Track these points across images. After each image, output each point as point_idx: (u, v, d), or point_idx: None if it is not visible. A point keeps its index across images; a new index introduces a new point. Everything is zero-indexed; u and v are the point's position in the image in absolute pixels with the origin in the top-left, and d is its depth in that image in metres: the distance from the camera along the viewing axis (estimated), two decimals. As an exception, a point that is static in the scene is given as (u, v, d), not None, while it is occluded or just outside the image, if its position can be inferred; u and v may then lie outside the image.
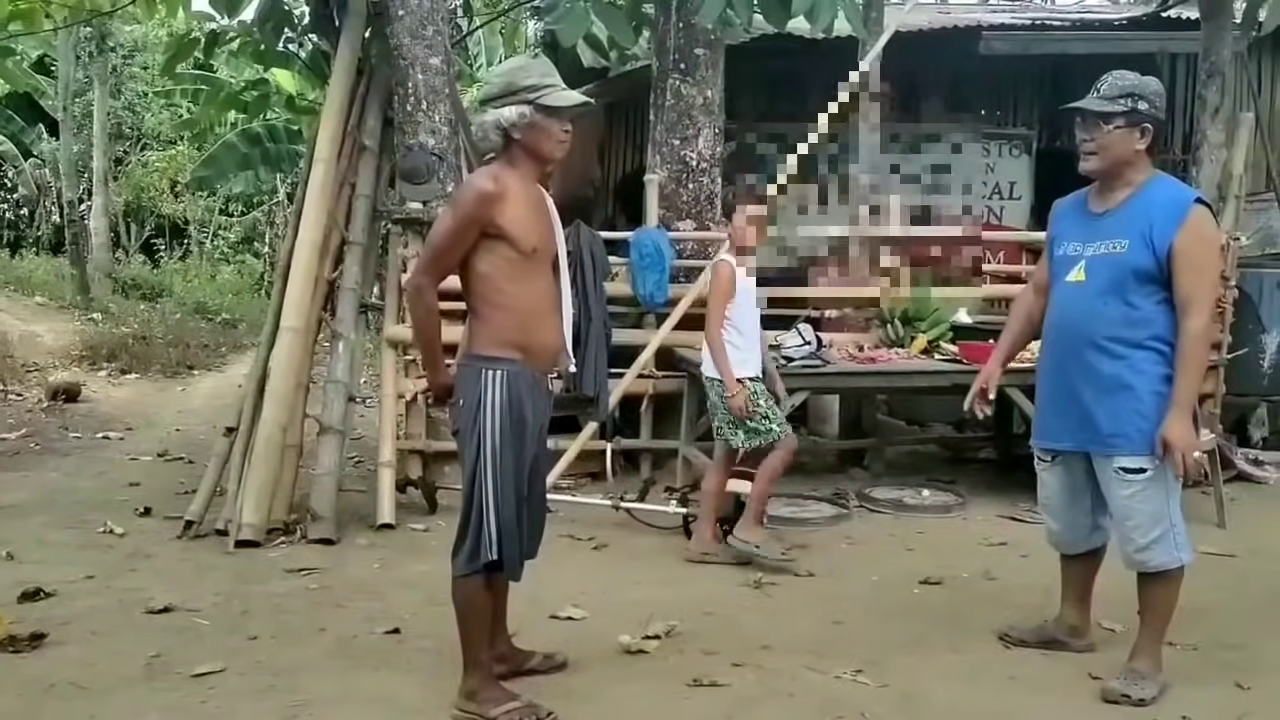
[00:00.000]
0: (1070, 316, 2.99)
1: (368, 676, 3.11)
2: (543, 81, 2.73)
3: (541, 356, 2.81)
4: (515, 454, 2.73)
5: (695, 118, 5.81)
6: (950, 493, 5.47)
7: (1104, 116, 2.87)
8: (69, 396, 8.82)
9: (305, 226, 5.34)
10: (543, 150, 2.77)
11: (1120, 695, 2.89)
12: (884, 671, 3.14)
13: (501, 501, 2.71)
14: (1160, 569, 2.95)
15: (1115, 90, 2.89)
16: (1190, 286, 2.82)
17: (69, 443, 7.11)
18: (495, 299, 2.73)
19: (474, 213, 2.70)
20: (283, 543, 4.55)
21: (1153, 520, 2.89)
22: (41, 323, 12.71)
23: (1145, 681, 2.94)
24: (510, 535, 2.73)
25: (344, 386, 5.06)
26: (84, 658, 3.23)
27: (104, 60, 16.79)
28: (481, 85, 2.84)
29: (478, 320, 2.77)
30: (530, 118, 2.71)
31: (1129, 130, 2.87)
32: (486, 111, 2.75)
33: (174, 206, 20.47)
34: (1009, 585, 4.03)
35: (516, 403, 2.72)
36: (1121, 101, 2.87)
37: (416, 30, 5.41)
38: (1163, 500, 2.90)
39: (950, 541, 4.67)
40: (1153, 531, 2.90)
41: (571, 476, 5.44)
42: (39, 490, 5.64)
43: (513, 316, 2.73)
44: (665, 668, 3.15)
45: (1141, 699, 2.88)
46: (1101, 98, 2.90)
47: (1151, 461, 2.85)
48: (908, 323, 5.70)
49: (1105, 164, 2.91)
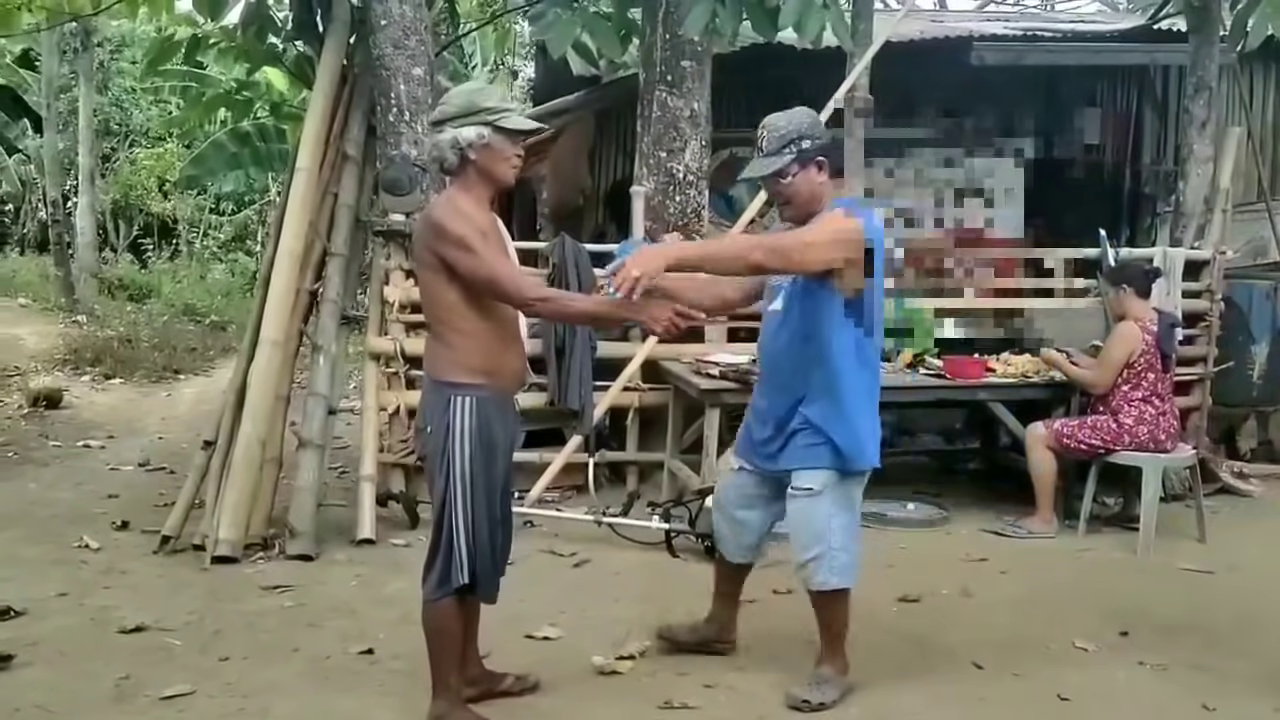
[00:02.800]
0: (770, 344, 3.14)
1: (339, 699, 3.10)
2: (501, 105, 2.77)
3: (508, 379, 2.85)
4: (486, 477, 2.77)
5: (682, 130, 5.79)
6: (934, 506, 5.47)
7: (779, 173, 2.97)
8: (50, 403, 8.76)
9: (286, 236, 5.31)
10: (496, 172, 2.78)
11: (801, 700, 3.02)
12: (854, 692, 3.13)
13: (473, 525, 2.74)
14: (819, 588, 3.07)
15: (777, 143, 2.97)
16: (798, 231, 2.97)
17: (48, 451, 7.06)
18: (461, 325, 2.75)
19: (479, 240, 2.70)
20: (260, 558, 4.52)
21: (814, 539, 3.02)
22: (25, 325, 12.61)
23: (827, 685, 3.07)
24: (483, 557, 2.77)
25: (324, 399, 5.04)
26: (52, 680, 3.21)
27: (89, 56, 16.69)
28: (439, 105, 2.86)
29: (443, 346, 2.79)
30: (487, 139, 2.73)
31: (805, 171, 2.97)
32: (445, 130, 2.75)
33: (163, 205, 20.39)
34: (985, 602, 4.04)
35: (485, 427, 2.75)
36: (787, 150, 2.95)
37: (399, 40, 5.38)
38: (824, 521, 3.01)
39: (932, 557, 4.66)
40: (812, 550, 3.02)
41: (557, 489, 5.42)
42: (15, 502, 5.60)
43: (479, 342, 2.76)
44: (637, 689, 3.15)
45: (821, 703, 3.02)
46: (768, 156, 2.98)
47: (817, 480, 3.00)
48: (892, 335, 5.69)
49: (800, 209, 3.02)
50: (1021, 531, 4.99)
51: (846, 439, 3.01)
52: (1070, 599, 4.09)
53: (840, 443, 3.01)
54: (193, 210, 20.48)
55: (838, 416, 3.01)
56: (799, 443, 3.03)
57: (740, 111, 8.24)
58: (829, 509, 3.03)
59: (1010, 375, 5.28)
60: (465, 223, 2.70)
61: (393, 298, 5.22)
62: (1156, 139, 8.64)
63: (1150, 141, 8.67)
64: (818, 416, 3.01)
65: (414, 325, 5.20)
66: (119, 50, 19.69)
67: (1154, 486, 4.81)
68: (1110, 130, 8.80)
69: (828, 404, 3.00)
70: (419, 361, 5.07)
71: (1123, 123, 8.77)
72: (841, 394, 3.01)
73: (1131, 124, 8.71)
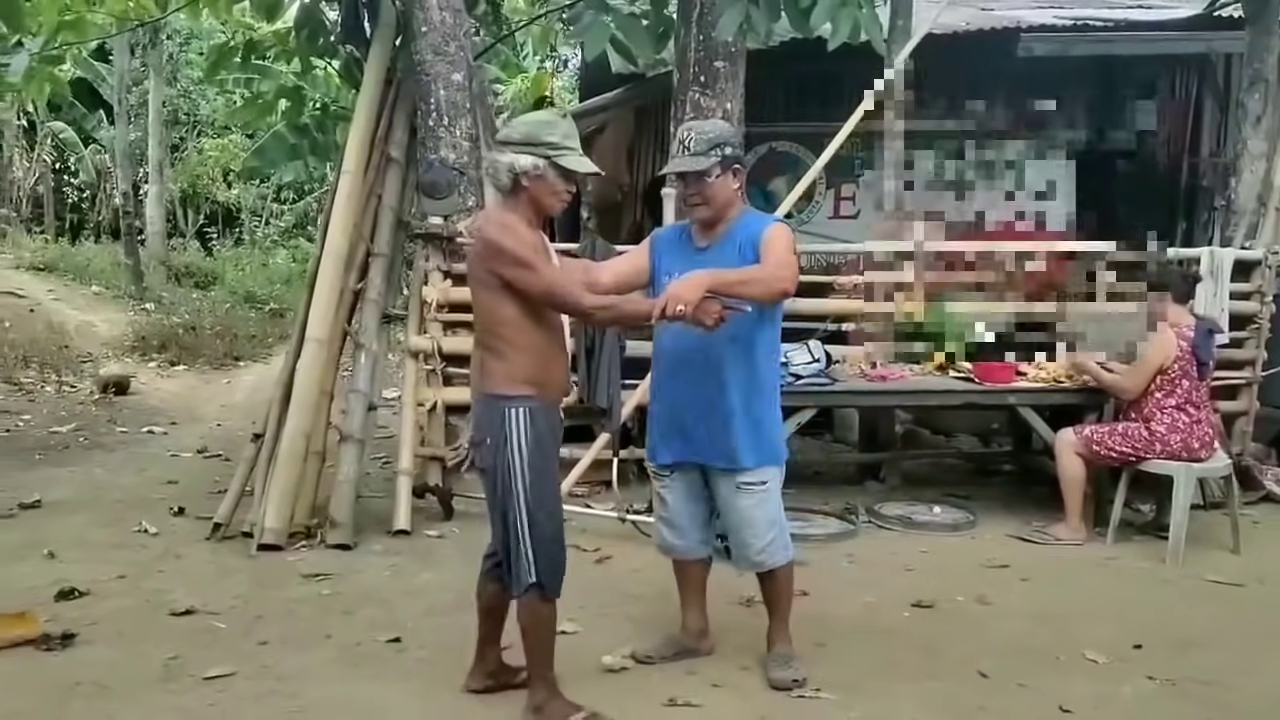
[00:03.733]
0: (685, 341, 3.19)
1: (364, 685, 3.27)
2: (564, 142, 2.89)
3: (555, 389, 3.00)
4: (545, 482, 2.93)
5: (715, 131, 5.85)
6: (962, 509, 5.50)
7: (704, 172, 3.14)
8: (119, 389, 9.18)
9: (331, 237, 5.53)
10: (544, 202, 2.93)
11: (791, 681, 3.23)
12: (856, 696, 3.22)
13: (537, 527, 2.89)
14: (776, 566, 3.30)
15: (703, 144, 3.15)
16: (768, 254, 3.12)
17: (115, 437, 7.42)
18: (516, 340, 2.89)
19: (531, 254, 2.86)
20: (303, 546, 4.75)
21: (767, 526, 3.24)
22: (97, 312, 13.13)
23: (795, 661, 3.32)
24: (547, 556, 2.92)
25: (365, 396, 5.24)
26: (109, 658, 3.44)
27: (159, 50, 17.22)
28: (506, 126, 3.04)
29: (497, 360, 2.91)
30: (542, 170, 2.86)
31: (725, 176, 3.17)
32: (505, 152, 2.89)
33: (227, 194, 20.97)
34: (1001, 610, 4.08)
35: (541, 436, 2.90)
36: (713, 153, 3.14)
37: (439, 46, 5.55)
38: (775, 509, 3.27)
39: (953, 562, 4.71)
40: (766, 536, 3.25)
41: (586, 485, 5.57)
42: (85, 487, 5.93)
43: (532, 356, 2.90)
44: (644, 687, 3.26)
45: (804, 678, 3.25)
46: (694, 155, 3.15)
47: (770, 474, 3.23)
48: (923, 338, 5.73)
49: (714, 210, 3.20)
50: (1048, 538, 5.00)
51: (778, 430, 3.35)
52: (1088, 609, 4.11)
53: (776, 435, 3.31)
54: (255, 199, 21.01)
55: (769, 412, 3.27)
56: (746, 440, 3.19)
57: (780, 106, 8.31)
58: (777, 494, 3.30)
59: (1042, 380, 5.29)
60: (519, 241, 2.85)
61: (431, 297, 5.39)
62: (1216, 130, 8.36)
63: (1210, 132, 8.38)
64: (754, 413, 3.21)
65: (451, 324, 5.38)
66: (187, 43, 20.22)
67: (1184, 496, 4.77)
68: (1167, 120, 8.51)
69: (757, 400, 3.21)
70: (456, 359, 5.32)
71: (1181, 112, 8.45)
72: (768, 390, 3.28)
73: (1190, 114, 8.40)
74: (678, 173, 3.23)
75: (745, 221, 3.26)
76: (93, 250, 17.44)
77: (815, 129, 7.24)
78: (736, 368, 3.19)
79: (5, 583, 4.15)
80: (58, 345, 10.54)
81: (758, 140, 8.44)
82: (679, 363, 3.28)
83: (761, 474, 3.24)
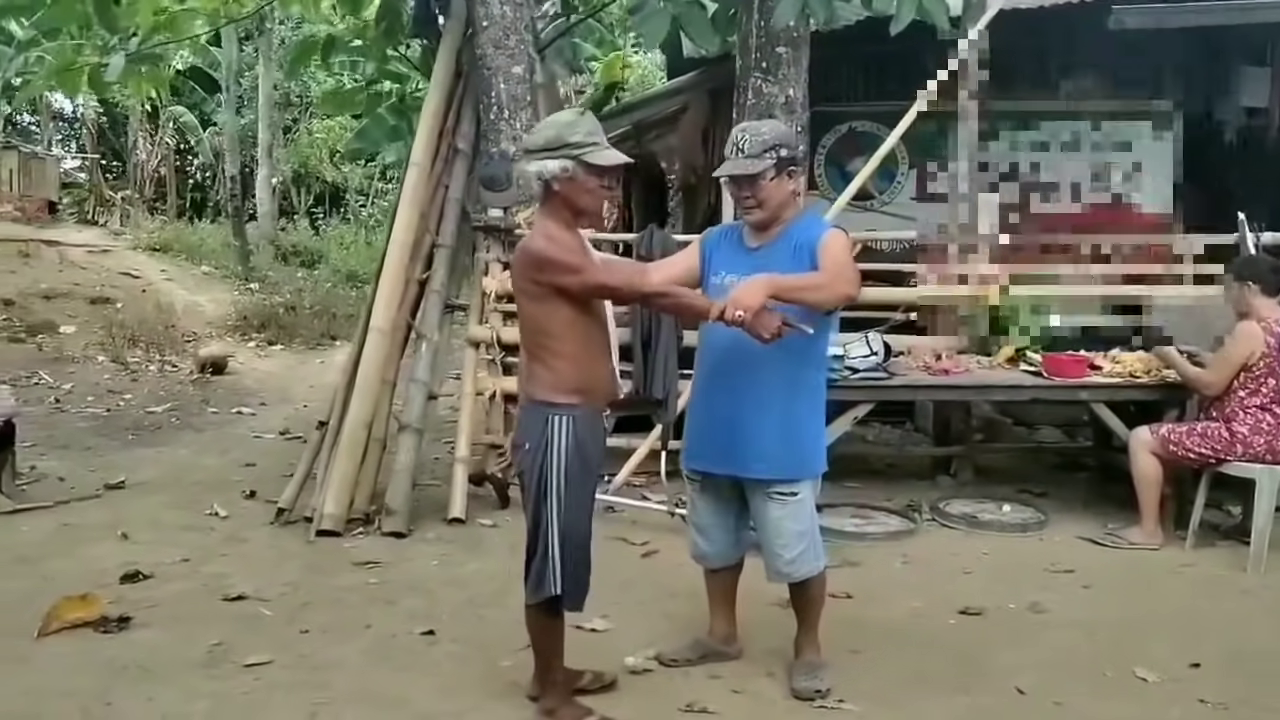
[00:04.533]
0: (729, 344, 3.10)
1: (393, 677, 3.33)
2: (588, 139, 2.84)
3: (600, 396, 2.97)
4: (581, 494, 2.90)
5: (776, 116, 5.71)
6: (1033, 508, 5.30)
7: (758, 175, 3.07)
8: (216, 369, 9.58)
9: (397, 229, 5.64)
10: (579, 203, 2.88)
11: (814, 691, 3.16)
12: (880, 709, 3.13)
13: (566, 539, 2.86)
14: (808, 576, 3.23)
15: (758, 146, 3.08)
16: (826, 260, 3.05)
17: (205, 418, 7.76)
18: (560, 348, 2.87)
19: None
20: (360, 534, 4.87)
21: (798, 537, 3.15)
22: (205, 292, 13.75)
23: (822, 671, 3.25)
24: (574, 570, 2.90)
25: (424, 385, 5.35)
26: (158, 641, 3.60)
27: (268, 37, 17.77)
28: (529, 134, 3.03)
29: (542, 367, 2.90)
30: (571, 172, 2.82)
31: (780, 178, 3.10)
32: (531, 160, 2.86)
33: (335, 174, 21.62)
34: (1054, 619, 3.92)
35: (582, 445, 2.87)
36: (767, 156, 3.07)
37: (500, 40, 5.58)
38: (808, 520, 3.18)
39: (1014, 565, 4.55)
40: (798, 546, 3.16)
41: (644, 475, 5.56)
42: (168, 468, 6.22)
43: (577, 363, 2.88)
44: (663, 690, 3.24)
45: (828, 688, 3.18)
46: (749, 157, 3.08)
47: (803, 486, 3.13)
48: (996, 329, 5.53)
49: (768, 213, 3.14)
50: (1122, 542, 4.78)
51: (819, 442, 3.22)
52: (1151, 620, 3.91)
53: (814, 447, 3.20)
54: (361, 179, 21.60)
55: (809, 421, 3.18)
56: (781, 449, 3.11)
57: (858, 86, 8.09)
58: (810, 505, 3.20)
59: (1117, 375, 5.03)
60: (562, 247, 2.83)
61: (490, 288, 5.45)
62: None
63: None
64: (792, 421, 3.12)
65: (510, 315, 5.42)
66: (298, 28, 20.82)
67: (1268, 500, 4.50)
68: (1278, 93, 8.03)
69: (797, 408, 3.13)
70: (515, 349, 5.36)
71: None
72: (811, 398, 3.19)
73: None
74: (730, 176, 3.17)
75: (804, 224, 3.20)
76: (206, 231, 18.23)
77: (896, 108, 7.02)
78: (779, 373, 3.10)
79: (80, 564, 4.39)
80: (164, 325, 11.05)
81: (836, 120, 8.25)
82: (721, 363, 3.21)
83: (794, 485, 3.15)
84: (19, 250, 12.43)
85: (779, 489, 3.14)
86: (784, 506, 3.15)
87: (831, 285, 3.01)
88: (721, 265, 3.24)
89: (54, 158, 20.46)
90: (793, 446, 3.13)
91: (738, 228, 3.33)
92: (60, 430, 7.18)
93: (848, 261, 3.08)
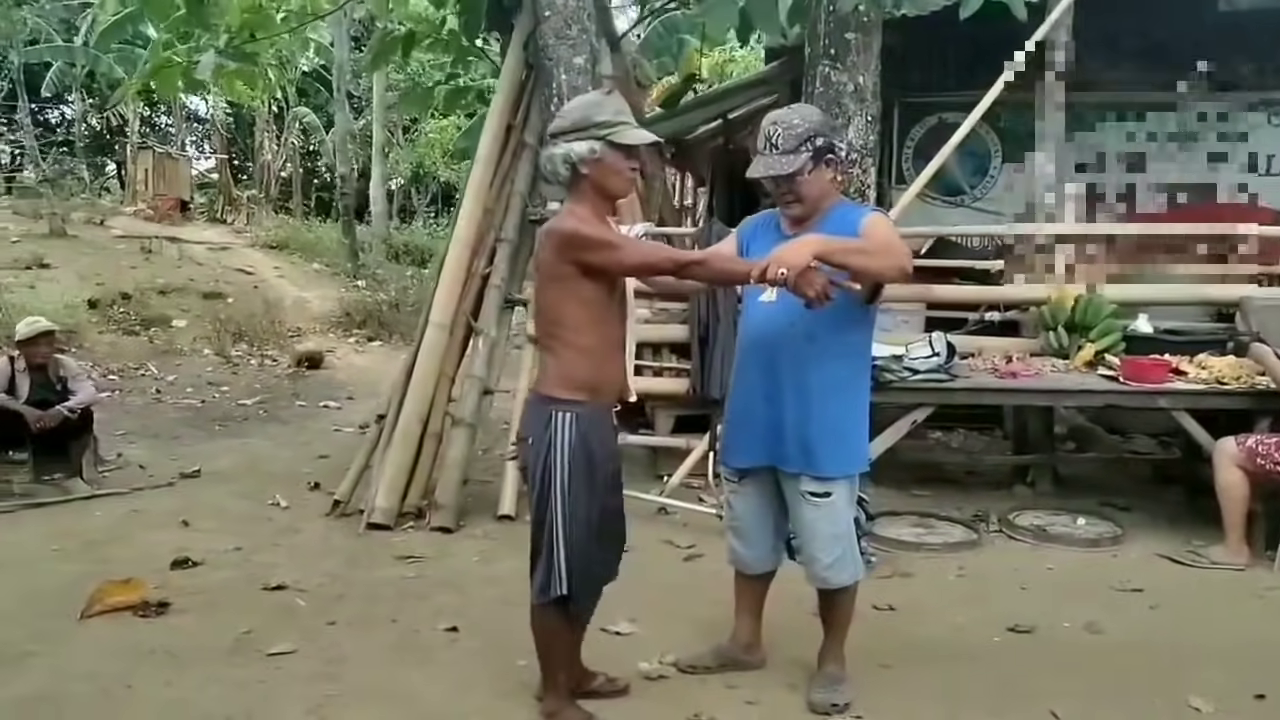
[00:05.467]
0: (765, 337, 3.03)
1: (405, 673, 3.33)
2: (615, 118, 2.74)
3: (608, 393, 2.86)
4: (586, 492, 2.78)
5: (845, 105, 5.54)
6: (1110, 522, 4.97)
7: (797, 172, 2.92)
8: (311, 363, 9.89)
9: (460, 224, 5.69)
10: (609, 186, 2.78)
11: (830, 705, 3.03)
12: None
13: (571, 538, 2.77)
14: (842, 585, 3.09)
15: (792, 140, 2.92)
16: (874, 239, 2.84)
17: (293, 411, 8.00)
18: (572, 339, 2.77)
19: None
20: (411, 528, 4.92)
21: (834, 541, 3.02)
22: (315, 289, 14.22)
23: (842, 685, 3.12)
24: (580, 571, 2.80)
25: (480, 381, 5.36)
26: (191, 628, 3.69)
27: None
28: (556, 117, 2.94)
29: (551, 357, 2.82)
30: (599, 153, 2.72)
31: (818, 169, 2.96)
32: (558, 143, 2.77)
33: (448, 173, 22.10)
34: (1109, 641, 3.65)
35: (585, 442, 2.76)
36: (803, 149, 2.92)
37: (561, 31, 5.56)
38: (844, 524, 3.03)
39: (1078, 581, 4.27)
40: (834, 551, 3.03)
41: (701, 477, 5.46)
42: (245, 459, 6.42)
43: (587, 357, 2.77)
44: (673, 696, 3.14)
45: (847, 703, 3.05)
46: (783, 154, 2.92)
47: (837, 486, 2.98)
48: (1074, 330, 5.20)
49: (808, 207, 2.99)
50: (1203, 561, 4.44)
51: (860, 442, 3.06)
52: (1218, 646, 3.60)
53: (857, 446, 3.05)
54: (473, 178, 21.98)
55: (848, 419, 3.02)
56: (819, 448, 2.97)
57: (948, 76, 7.74)
58: (845, 510, 3.05)
59: (1202, 380, 4.67)
60: (593, 226, 2.73)
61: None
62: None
63: None
64: (829, 418, 2.97)
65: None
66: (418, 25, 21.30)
67: (1369, 521, 4.11)
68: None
69: (836, 405, 2.97)
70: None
71: None
72: (851, 395, 3.03)
73: None
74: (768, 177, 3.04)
75: (841, 211, 3.04)
76: (322, 229, 18.86)
77: None
78: (818, 367, 2.97)
79: (138, 549, 4.56)
80: (270, 320, 11.49)
81: (924, 111, 7.96)
82: (759, 353, 3.09)
83: (826, 485, 3.00)
84: (141, 247, 13.10)
85: (811, 488, 3.00)
86: (816, 508, 3.02)
87: (884, 254, 2.80)
88: (759, 253, 3.05)
89: (186, 158, 21.50)
90: (826, 444, 2.97)
91: (776, 214, 3.18)
92: (154, 420, 7.52)
93: (897, 239, 2.89)
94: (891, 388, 4.64)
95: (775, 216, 3.18)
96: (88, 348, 9.40)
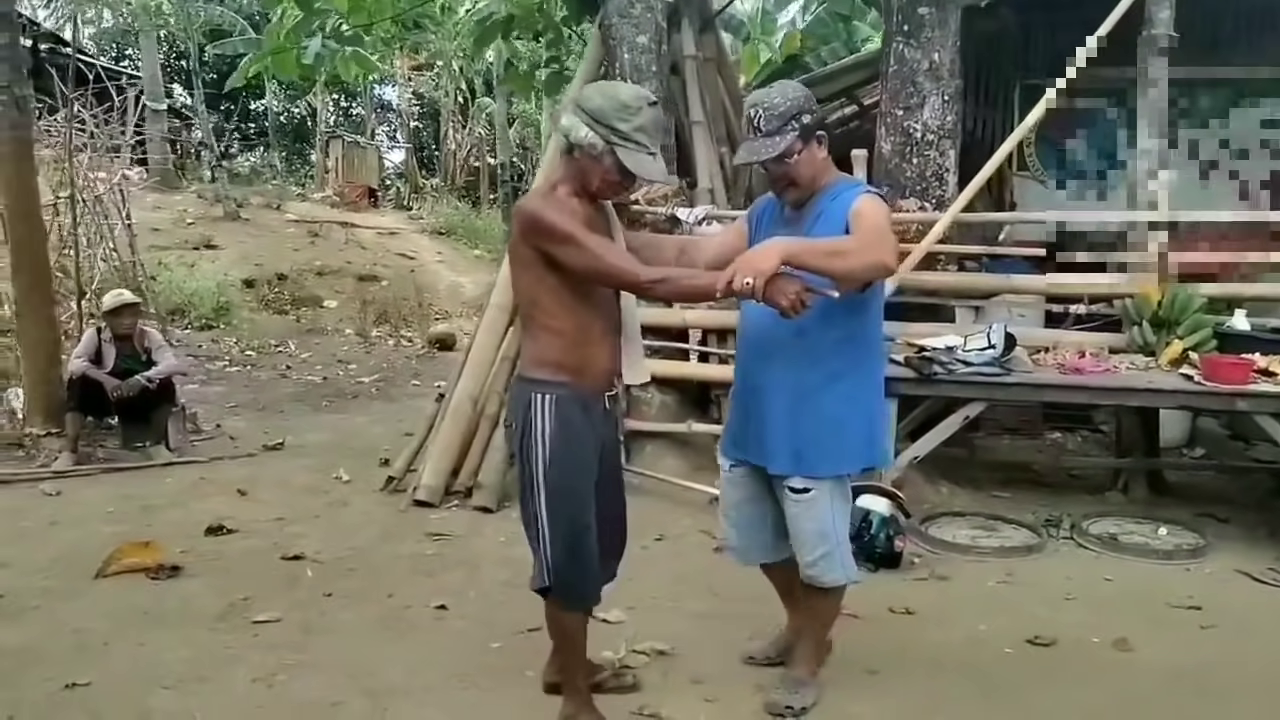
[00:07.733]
0: (756, 333, 2.90)
1: (376, 648, 3.34)
2: (632, 134, 2.58)
3: (593, 378, 2.70)
4: (569, 479, 2.64)
5: (920, 84, 5.18)
6: (1196, 533, 4.43)
7: (783, 155, 2.75)
8: (444, 345, 10.20)
9: (526, 204, 5.69)
10: (589, 179, 2.64)
11: (784, 708, 2.91)
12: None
13: (554, 527, 2.66)
14: (831, 585, 2.95)
15: (775, 121, 2.74)
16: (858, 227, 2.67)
17: (405, 389, 8.26)
18: (550, 322, 2.65)
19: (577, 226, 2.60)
20: (455, 505, 4.96)
21: (820, 538, 2.86)
22: (471, 274, 14.69)
23: (805, 689, 2.99)
24: (563, 563, 2.68)
25: (528, 362, 5.35)
26: (193, 592, 3.82)
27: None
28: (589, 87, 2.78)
29: (530, 339, 2.73)
30: (599, 153, 2.58)
31: (808, 148, 2.79)
32: (574, 114, 2.64)
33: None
34: (1137, 661, 3.26)
35: (566, 427, 2.64)
36: (788, 129, 2.73)
37: (625, 9, 5.47)
38: (828, 520, 2.87)
39: (1131, 594, 3.83)
40: (820, 548, 2.87)
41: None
42: (336, 433, 6.67)
43: (565, 339, 2.64)
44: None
45: (804, 707, 2.92)
46: (767, 135, 2.75)
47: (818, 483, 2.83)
48: (1161, 326, 4.65)
49: (804, 189, 2.84)
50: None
51: (857, 438, 2.84)
52: (1260, 677, 3.16)
53: (852, 442, 2.83)
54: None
55: (848, 413, 2.81)
56: (806, 448, 2.81)
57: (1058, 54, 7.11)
58: (829, 506, 2.87)
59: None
60: (562, 214, 2.57)
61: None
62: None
63: None
64: (824, 412, 2.79)
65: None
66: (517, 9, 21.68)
67: None
68: None
69: (833, 398, 2.79)
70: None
71: None
72: (854, 388, 2.82)
73: None
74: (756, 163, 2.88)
75: (835, 190, 2.83)
76: (492, 216, 19.47)
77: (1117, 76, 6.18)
78: (811, 363, 2.77)
79: (188, 514, 4.79)
80: (418, 303, 11.94)
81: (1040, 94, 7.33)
82: (751, 349, 2.95)
83: (808, 481, 2.81)
84: (309, 230, 13.91)
85: (792, 483, 2.84)
86: (796, 504, 2.86)
87: (861, 252, 2.57)
88: (765, 237, 2.88)
89: (375, 147, 22.56)
90: (814, 441, 2.79)
91: None
92: (266, 394, 7.96)
93: (885, 228, 2.66)
94: (938, 381, 4.29)
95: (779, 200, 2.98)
96: (234, 325, 10.07)
